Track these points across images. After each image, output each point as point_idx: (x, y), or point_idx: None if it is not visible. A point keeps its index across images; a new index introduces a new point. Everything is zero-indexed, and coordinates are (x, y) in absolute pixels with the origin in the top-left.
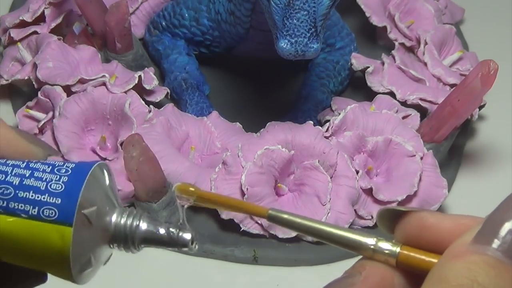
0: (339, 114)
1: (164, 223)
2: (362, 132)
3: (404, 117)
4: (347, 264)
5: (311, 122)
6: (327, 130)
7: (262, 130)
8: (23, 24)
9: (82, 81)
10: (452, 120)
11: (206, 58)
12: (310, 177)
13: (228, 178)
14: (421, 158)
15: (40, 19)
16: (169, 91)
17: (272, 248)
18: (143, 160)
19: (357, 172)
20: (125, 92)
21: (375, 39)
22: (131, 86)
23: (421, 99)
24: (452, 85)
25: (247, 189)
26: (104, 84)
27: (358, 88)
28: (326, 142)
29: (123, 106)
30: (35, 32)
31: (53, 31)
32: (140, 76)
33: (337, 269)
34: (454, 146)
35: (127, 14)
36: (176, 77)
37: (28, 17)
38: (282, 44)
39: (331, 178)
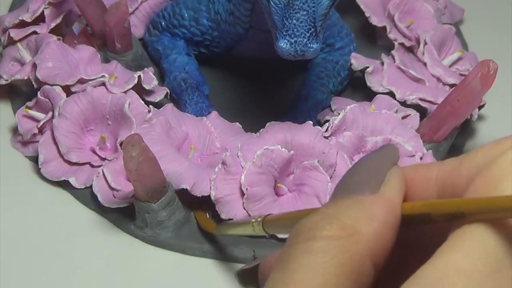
0: (339, 114)
1: None
2: (362, 132)
3: (403, 117)
4: None
5: (311, 122)
6: (326, 130)
7: (261, 130)
8: (22, 24)
9: (81, 81)
10: (452, 120)
11: (205, 58)
12: (309, 177)
13: (227, 178)
14: (421, 158)
15: (39, 19)
16: (168, 91)
17: (272, 248)
18: (142, 160)
19: None
20: (125, 92)
21: (374, 39)
22: (131, 86)
23: (420, 99)
24: (451, 85)
25: (246, 189)
26: (103, 84)
27: (358, 88)
28: (325, 142)
29: (123, 106)
30: (34, 32)
31: (52, 31)
32: (139, 76)
33: None
34: (453, 146)
35: (127, 14)
36: (175, 77)
37: (27, 17)
38: (282, 44)
39: (330, 178)
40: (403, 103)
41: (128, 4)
